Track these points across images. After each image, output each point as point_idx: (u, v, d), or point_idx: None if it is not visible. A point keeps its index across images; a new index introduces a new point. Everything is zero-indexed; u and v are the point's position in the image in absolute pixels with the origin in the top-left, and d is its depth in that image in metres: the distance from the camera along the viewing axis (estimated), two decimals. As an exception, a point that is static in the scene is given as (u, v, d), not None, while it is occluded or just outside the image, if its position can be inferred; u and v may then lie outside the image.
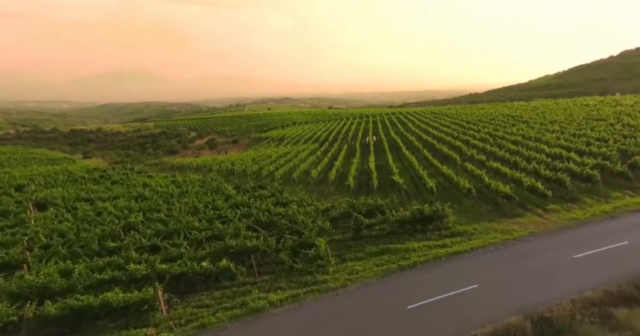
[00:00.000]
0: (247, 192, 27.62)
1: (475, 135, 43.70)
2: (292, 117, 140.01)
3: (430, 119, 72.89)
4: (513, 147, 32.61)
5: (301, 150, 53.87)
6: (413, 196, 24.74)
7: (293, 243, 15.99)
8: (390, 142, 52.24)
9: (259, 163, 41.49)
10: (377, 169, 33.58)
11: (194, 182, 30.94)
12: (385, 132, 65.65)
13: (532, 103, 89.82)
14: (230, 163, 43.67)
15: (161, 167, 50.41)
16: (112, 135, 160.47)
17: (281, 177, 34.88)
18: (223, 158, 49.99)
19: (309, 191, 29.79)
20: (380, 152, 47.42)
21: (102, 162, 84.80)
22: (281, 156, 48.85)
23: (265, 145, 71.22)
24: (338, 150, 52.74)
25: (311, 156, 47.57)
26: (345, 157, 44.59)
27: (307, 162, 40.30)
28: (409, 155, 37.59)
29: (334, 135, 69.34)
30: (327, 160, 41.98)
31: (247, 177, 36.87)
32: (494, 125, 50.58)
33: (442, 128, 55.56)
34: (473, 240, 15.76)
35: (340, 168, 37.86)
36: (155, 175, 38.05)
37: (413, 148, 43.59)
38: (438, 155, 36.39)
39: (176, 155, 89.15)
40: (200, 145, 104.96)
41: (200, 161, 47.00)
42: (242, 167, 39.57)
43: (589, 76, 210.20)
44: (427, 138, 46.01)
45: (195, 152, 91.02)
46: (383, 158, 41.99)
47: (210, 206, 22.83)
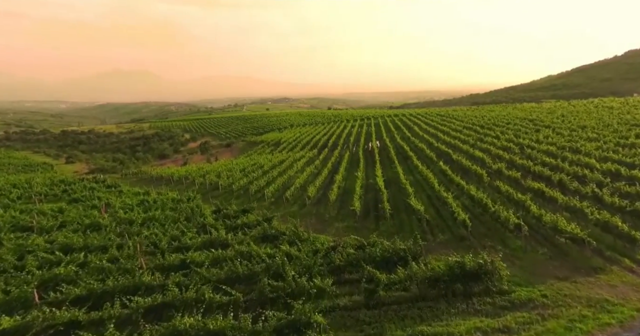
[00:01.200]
0: (228, 218, 22.25)
1: (495, 142, 38.41)
2: (290, 118, 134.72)
3: (437, 123, 67.59)
4: (549, 160, 27.26)
5: (298, 158, 48.50)
6: (437, 228, 19.39)
7: (278, 323, 10.65)
8: (397, 149, 46.90)
9: (248, 176, 36.12)
10: (386, 186, 28.24)
11: (167, 203, 25.53)
12: (389, 137, 60.33)
13: (544, 104, 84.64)
14: (216, 174, 38.30)
15: (140, 177, 44.97)
16: (104, 137, 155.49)
17: (273, 194, 29.50)
18: (210, 167, 44.59)
19: (305, 215, 24.43)
20: (386, 161, 42.11)
21: (85, 167, 79.44)
22: (275, 166, 43.50)
23: (260, 150, 65.85)
24: (339, 158, 47.40)
25: (309, 165, 42.24)
26: (347, 168, 39.26)
27: (304, 175, 34.96)
28: (422, 167, 32.25)
29: (334, 140, 64.00)
30: (326, 172, 36.63)
31: (233, 194, 31.47)
32: (513, 130, 45.32)
33: (453, 133, 50.25)
34: (549, 321, 10.40)
35: (342, 183, 32.53)
36: (127, 190, 32.66)
37: (425, 158, 38.24)
38: (457, 168, 31.06)
39: (166, 160, 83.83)
40: (193, 148, 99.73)
41: (184, 172, 41.60)
42: (228, 181, 34.18)
43: (593, 76, 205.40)
44: (440, 146, 40.66)
45: (186, 156, 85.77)
46: (391, 169, 36.67)
47: (176, 243, 17.45)
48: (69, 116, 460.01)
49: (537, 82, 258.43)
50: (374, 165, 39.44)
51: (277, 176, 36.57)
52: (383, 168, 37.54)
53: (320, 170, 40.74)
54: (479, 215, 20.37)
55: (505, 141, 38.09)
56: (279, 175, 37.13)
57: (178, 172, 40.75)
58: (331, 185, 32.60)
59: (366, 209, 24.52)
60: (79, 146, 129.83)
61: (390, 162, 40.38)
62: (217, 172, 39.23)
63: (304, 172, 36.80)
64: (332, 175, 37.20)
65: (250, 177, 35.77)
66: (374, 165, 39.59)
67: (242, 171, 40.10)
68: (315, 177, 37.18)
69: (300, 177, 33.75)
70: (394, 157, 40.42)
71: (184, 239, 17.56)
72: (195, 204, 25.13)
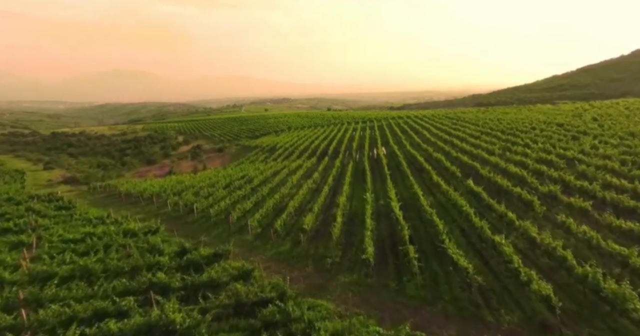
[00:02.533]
0: (194, 267, 15.96)
1: (528, 153, 32.11)
2: (288, 120, 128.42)
3: (448, 126, 61.31)
4: (619, 182, 20.93)
5: (294, 170, 42.21)
6: (495, 297, 13.06)
7: None
8: (408, 159, 40.56)
9: (233, 194, 29.78)
10: (403, 211, 21.97)
11: (116, 240, 19.19)
12: (397, 143, 54.04)
13: (561, 106, 78.41)
14: (194, 191, 31.97)
15: (108, 192, 38.54)
16: (94, 139, 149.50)
17: (259, 223, 23.13)
18: (191, 181, 38.23)
19: (299, 259, 18.15)
20: (397, 173, 35.84)
21: (63, 174, 73.08)
22: (266, 179, 37.25)
23: (253, 157, 59.51)
24: (341, 169, 41.09)
25: (306, 179, 35.99)
26: (351, 183, 32.96)
27: (300, 193, 28.63)
28: (445, 185, 25.94)
29: (335, 146, 57.70)
30: (327, 189, 30.30)
31: (210, 220, 25.11)
32: (543, 137, 39.10)
33: (471, 140, 43.94)
34: None
35: (347, 205, 26.28)
36: (80, 214, 26.30)
37: (445, 172, 31.91)
38: (491, 188, 24.78)
39: (152, 166, 77.50)
40: (184, 152, 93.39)
41: (159, 187, 35.22)
42: (207, 202, 27.81)
43: (601, 76, 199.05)
44: (461, 157, 34.31)
45: (175, 162, 79.43)
46: (405, 186, 30.40)
47: (94, 329, 11.14)
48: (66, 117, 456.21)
49: (541, 83, 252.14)
50: (384, 179, 33.17)
51: (267, 195, 30.25)
52: (395, 183, 31.25)
53: (319, 185, 34.44)
54: (552, 270, 14.03)
55: (541, 151, 31.79)
56: (269, 193, 30.80)
57: (151, 188, 34.35)
58: (333, 207, 26.39)
59: (381, 249, 18.21)
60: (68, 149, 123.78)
61: (403, 176, 34.09)
62: (196, 188, 32.87)
63: (300, 189, 30.47)
64: (333, 193, 30.90)
65: (235, 195, 29.42)
66: (383, 180, 33.32)
67: (226, 187, 33.78)
68: (313, 195, 30.90)
69: (295, 198, 27.43)
70: (406, 169, 34.07)
71: (108, 324, 11.22)
72: (155, 242, 18.79)
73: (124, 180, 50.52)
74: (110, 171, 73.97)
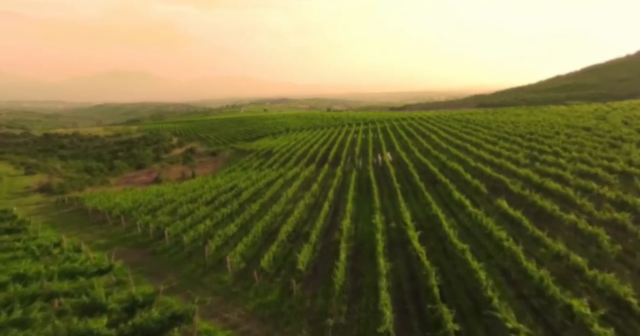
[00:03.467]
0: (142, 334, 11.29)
1: (561, 163, 27.37)
2: (287, 121, 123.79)
3: (459, 130, 56.61)
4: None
5: (290, 179, 37.54)
6: None
7: None
8: (419, 168, 35.84)
9: (215, 213, 25.04)
10: (423, 240, 17.32)
11: (48, 288, 14.48)
12: (403, 148, 49.36)
13: (576, 107, 73.70)
14: (172, 209, 27.26)
15: (77, 207, 33.72)
16: (88, 141, 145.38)
17: (242, 257, 18.41)
18: (172, 193, 33.50)
19: (291, 316, 13.47)
20: (407, 185, 31.16)
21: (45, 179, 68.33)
22: (258, 192, 32.57)
23: (247, 163, 54.79)
24: (343, 179, 36.42)
25: (304, 191, 31.37)
26: (356, 197, 28.30)
27: (296, 213, 23.93)
28: (471, 206, 21.24)
29: (336, 150, 53.04)
30: (328, 206, 25.59)
31: (183, 251, 20.38)
32: (571, 144, 34.44)
33: (488, 146, 39.24)
34: None
35: (351, 227, 21.60)
36: (28, 239, 21.59)
37: (465, 186, 27.18)
38: (530, 211, 20.08)
39: (140, 172, 72.69)
40: (176, 156, 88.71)
41: (132, 202, 30.44)
42: (183, 224, 23.07)
43: (608, 76, 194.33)
44: (483, 168, 29.52)
45: (165, 166, 74.67)
46: (418, 202, 25.73)
47: None
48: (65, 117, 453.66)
49: (545, 83, 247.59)
50: (393, 193, 28.48)
51: (256, 214, 25.55)
52: (407, 199, 26.60)
53: (318, 199, 29.75)
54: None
55: (579, 162, 27.06)
56: (260, 211, 26.10)
57: (123, 203, 29.58)
58: (334, 231, 21.74)
59: (400, 303, 13.54)
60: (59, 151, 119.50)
61: (415, 189, 29.38)
62: (175, 204, 28.12)
63: (295, 207, 25.80)
64: (335, 211, 26.21)
65: (219, 215, 24.71)
66: (393, 194, 28.62)
67: (211, 202, 29.11)
68: (311, 213, 26.19)
69: (289, 218, 22.75)
70: (419, 181, 29.33)
71: None
72: (97, 295, 14.06)
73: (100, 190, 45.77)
74: (96, 176, 69.27)
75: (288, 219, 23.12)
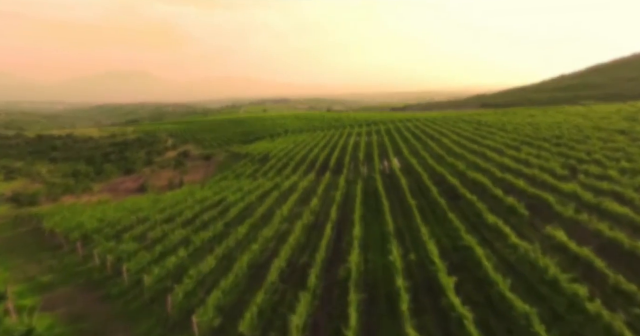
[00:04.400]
0: None
1: (615, 177, 22.79)
2: (286, 122, 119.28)
3: (471, 133, 52.05)
4: None
5: (286, 190, 32.96)
6: None
7: None
8: (434, 178, 31.19)
9: (194, 238, 20.43)
10: (458, 289, 12.80)
11: None
12: (412, 153, 44.76)
13: (595, 107, 69.14)
14: (142, 232, 22.63)
15: (34, 226, 28.98)
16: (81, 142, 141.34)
17: (216, 312, 13.77)
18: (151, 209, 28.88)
19: None
20: (423, 200, 26.57)
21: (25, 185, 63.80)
22: (249, 207, 27.99)
23: (240, 169, 50.21)
24: (347, 189, 31.84)
25: (302, 206, 26.84)
26: (363, 216, 23.74)
27: (291, 240, 19.33)
28: (513, 234, 16.67)
29: (338, 155, 48.47)
30: (330, 228, 20.99)
31: (143, 296, 15.76)
32: (612, 150, 29.85)
33: (510, 152, 34.65)
34: None
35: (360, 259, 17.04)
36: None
37: (494, 202, 22.59)
38: (596, 245, 15.49)
39: (127, 177, 68.09)
40: (169, 159, 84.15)
41: (98, 221, 25.78)
42: (150, 257, 18.44)
43: (616, 75, 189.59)
44: (515, 181, 24.88)
45: (156, 171, 70.09)
46: (440, 224, 21.14)
47: None
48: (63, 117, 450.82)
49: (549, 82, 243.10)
50: (408, 211, 23.90)
51: (243, 239, 20.97)
52: (425, 219, 22.07)
53: (318, 218, 25.14)
54: None
55: (634, 174, 22.46)
56: (247, 236, 21.52)
57: (88, 223, 24.87)
58: (338, 265, 17.17)
59: None
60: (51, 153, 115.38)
61: (433, 206, 24.77)
62: (147, 226, 23.48)
63: (291, 231, 21.23)
64: (338, 235, 21.62)
65: (197, 241, 20.11)
66: (407, 212, 24.02)
67: (191, 221, 24.50)
68: (309, 238, 21.59)
69: (283, 247, 18.17)
70: (436, 195, 24.71)
71: None
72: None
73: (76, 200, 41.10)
74: (81, 182, 64.85)
75: (282, 247, 18.56)
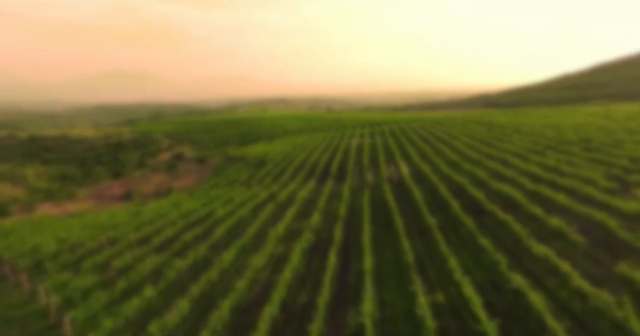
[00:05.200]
0: None
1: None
2: (285, 123, 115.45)
3: (484, 135, 48.16)
4: None
5: (283, 202, 29.05)
6: None
7: None
8: (452, 189, 27.28)
9: (168, 268, 16.50)
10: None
11: None
12: (422, 158, 40.89)
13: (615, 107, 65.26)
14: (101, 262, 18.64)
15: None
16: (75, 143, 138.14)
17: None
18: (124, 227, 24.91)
19: None
20: (441, 215, 22.67)
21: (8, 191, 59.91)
22: (238, 225, 24.10)
23: (234, 174, 46.30)
24: (352, 201, 27.91)
25: (300, 221, 22.94)
26: (373, 236, 19.87)
27: (287, 273, 15.41)
28: (570, 270, 12.81)
29: (340, 159, 44.61)
30: (334, 256, 17.10)
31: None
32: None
33: (534, 158, 30.75)
34: None
35: (376, 299, 13.19)
36: None
37: (535, 224, 18.67)
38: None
39: (116, 182, 64.21)
40: (162, 162, 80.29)
41: (58, 242, 21.80)
42: (101, 300, 14.51)
43: (623, 74, 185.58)
44: (552, 196, 20.95)
45: (147, 174, 66.23)
46: (468, 249, 17.25)
47: None
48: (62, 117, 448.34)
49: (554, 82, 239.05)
50: (426, 231, 20.01)
51: (228, 270, 17.05)
52: (448, 241, 18.21)
53: (320, 238, 21.21)
54: None
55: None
56: (233, 265, 17.59)
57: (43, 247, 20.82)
58: (344, 306, 13.29)
59: None
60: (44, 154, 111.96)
61: (454, 223, 20.87)
62: (116, 250, 19.55)
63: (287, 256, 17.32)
64: (345, 264, 17.71)
65: (170, 275, 16.18)
66: (424, 230, 20.12)
67: (166, 246, 20.57)
68: (309, 266, 17.69)
69: (277, 285, 14.27)
70: (458, 210, 20.81)
71: None
72: None
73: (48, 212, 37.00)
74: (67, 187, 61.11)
75: (276, 279, 14.70)
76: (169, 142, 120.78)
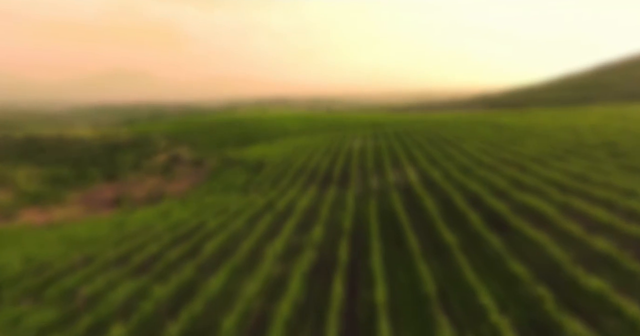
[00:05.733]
0: None
1: None
2: (285, 123, 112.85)
3: (493, 137, 45.53)
4: None
5: (282, 212, 26.46)
6: None
7: None
8: (468, 199, 24.69)
9: (136, 307, 13.93)
10: None
11: None
12: (430, 161, 38.31)
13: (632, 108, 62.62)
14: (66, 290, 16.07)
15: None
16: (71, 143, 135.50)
17: None
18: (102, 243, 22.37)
19: None
20: (459, 230, 20.06)
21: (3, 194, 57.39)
22: (231, 239, 21.51)
23: (231, 178, 43.76)
24: (356, 212, 25.30)
25: (301, 235, 20.36)
26: (384, 257, 17.30)
27: (284, 305, 12.83)
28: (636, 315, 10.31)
29: (343, 163, 42.05)
30: (340, 284, 14.55)
31: None
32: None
33: (556, 163, 28.16)
34: None
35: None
36: None
37: (573, 246, 16.07)
38: None
39: (113, 183, 61.71)
40: (158, 164, 77.82)
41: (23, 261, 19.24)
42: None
43: (630, 74, 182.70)
44: (587, 209, 18.37)
45: (141, 177, 63.71)
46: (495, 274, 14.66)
47: None
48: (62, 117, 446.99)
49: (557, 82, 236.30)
50: (444, 250, 17.42)
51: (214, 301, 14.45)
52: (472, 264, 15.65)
53: (322, 258, 18.61)
54: None
55: None
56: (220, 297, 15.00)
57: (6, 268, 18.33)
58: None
59: None
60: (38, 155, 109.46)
61: (474, 240, 18.29)
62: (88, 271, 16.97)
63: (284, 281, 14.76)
64: (352, 293, 15.12)
65: (145, 307, 13.60)
66: (441, 249, 17.52)
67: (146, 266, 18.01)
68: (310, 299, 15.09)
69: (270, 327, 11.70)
70: (479, 225, 18.26)
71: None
72: None
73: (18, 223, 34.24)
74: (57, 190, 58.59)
75: (271, 319, 12.11)
76: (167, 143, 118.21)
